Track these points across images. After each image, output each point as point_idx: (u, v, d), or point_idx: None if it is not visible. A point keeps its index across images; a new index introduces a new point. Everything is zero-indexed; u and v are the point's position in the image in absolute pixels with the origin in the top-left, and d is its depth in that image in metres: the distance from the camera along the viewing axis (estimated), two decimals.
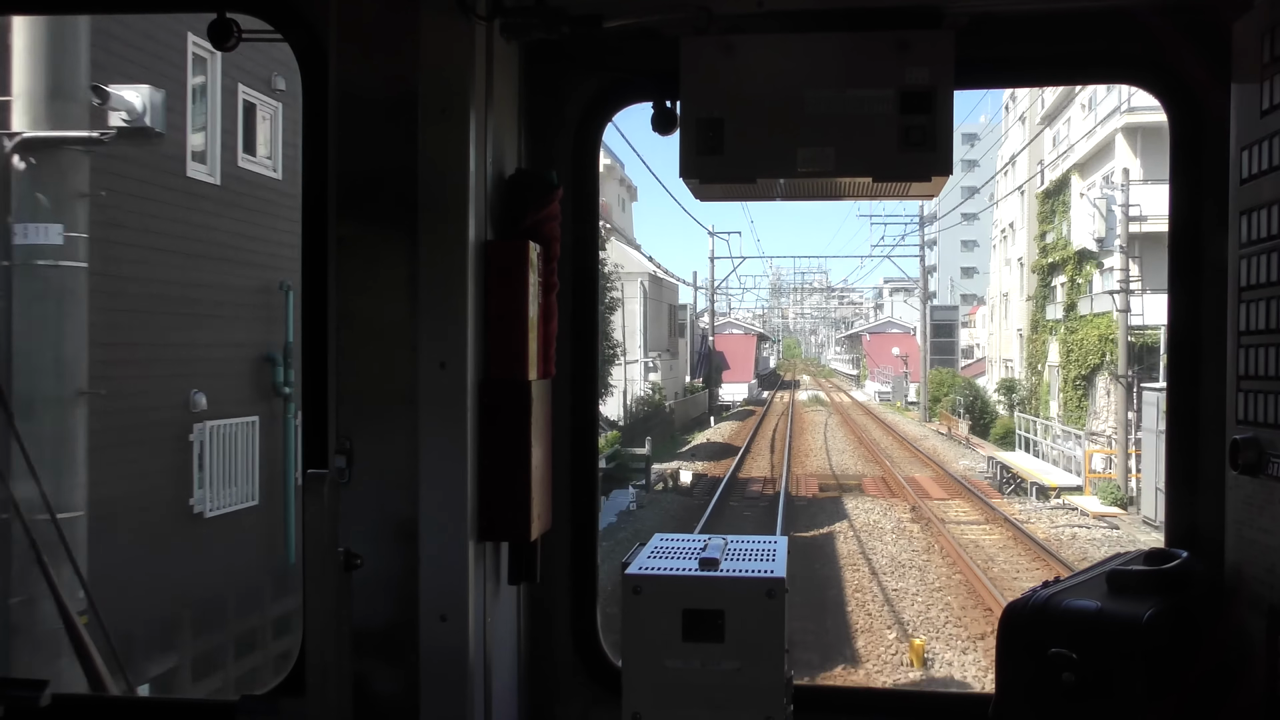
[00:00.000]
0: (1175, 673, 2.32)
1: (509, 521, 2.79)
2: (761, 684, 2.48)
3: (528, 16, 2.75)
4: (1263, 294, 2.38)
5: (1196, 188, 2.89)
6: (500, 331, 2.79)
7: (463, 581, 2.69)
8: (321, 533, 2.33)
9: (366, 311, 2.74)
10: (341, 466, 2.71)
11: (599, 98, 3.14)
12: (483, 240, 2.77)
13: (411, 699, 2.69)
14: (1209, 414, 2.83)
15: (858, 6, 2.77)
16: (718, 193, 2.95)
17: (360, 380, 2.74)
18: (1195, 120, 2.89)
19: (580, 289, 3.16)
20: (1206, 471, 2.83)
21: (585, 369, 3.20)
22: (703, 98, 2.78)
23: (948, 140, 2.72)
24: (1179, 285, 2.95)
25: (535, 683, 3.16)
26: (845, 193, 2.98)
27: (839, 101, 2.73)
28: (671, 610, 2.50)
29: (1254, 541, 2.40)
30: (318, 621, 2.37)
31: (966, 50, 2.73)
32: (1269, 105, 2.37)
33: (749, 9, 2.80)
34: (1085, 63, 3.09)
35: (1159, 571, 2.42)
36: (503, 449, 2.78)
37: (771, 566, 2.57)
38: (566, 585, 3.18)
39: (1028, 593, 2.42)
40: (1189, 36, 2.86)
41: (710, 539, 2.79)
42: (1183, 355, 2.94)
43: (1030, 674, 2.32)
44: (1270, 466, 2.35)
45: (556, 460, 3.07)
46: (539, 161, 3.11)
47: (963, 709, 3.23)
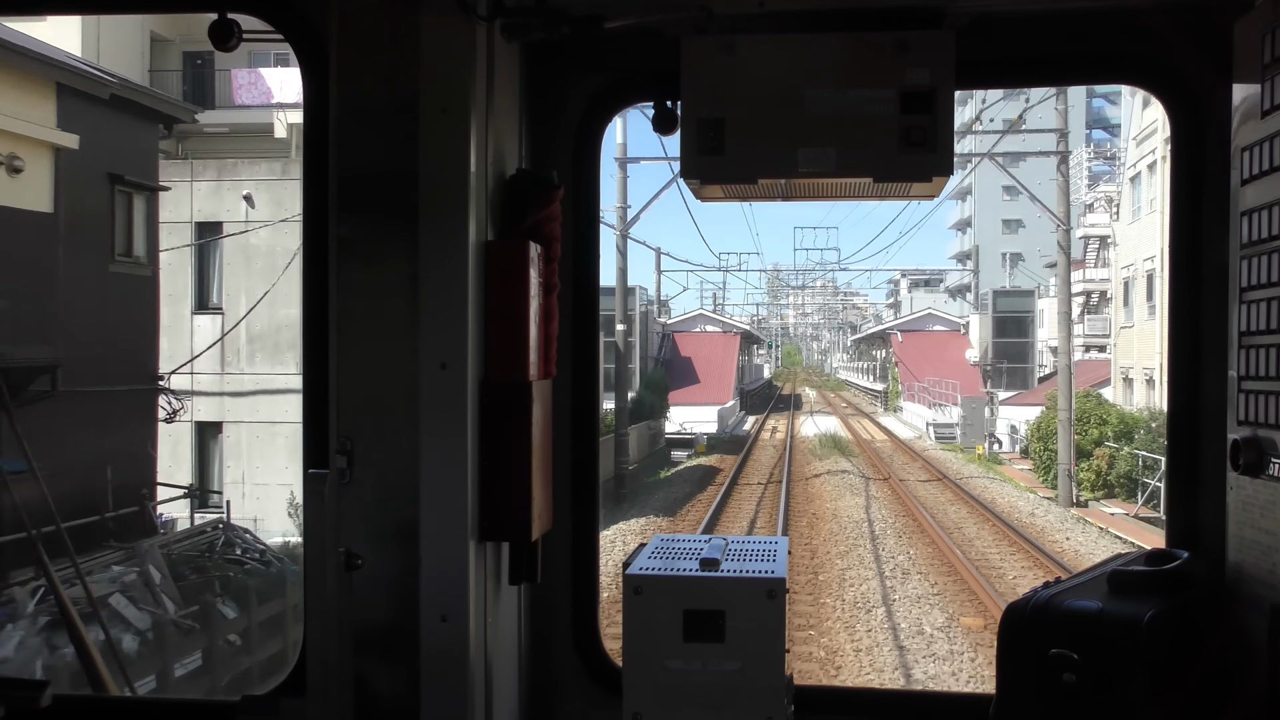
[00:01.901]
0: (1176, 673, 2.32)
1: (510, 522, 2.79)
2: (762, 684, 2.48)
3: (528, 17, 2.75)
4: (1263, 294, 2.38)
5: (1198, 188, 2.89)
6: (501, 332, 2.79)
7: (463, 582, 2.69)
8: (322, 533, 2.33)
9: (367, 312, 2.74)
10: (342, 467, 2.71)
11: (600, 98, 3.14)
12: (483, 241, 2.77)
13: (412, 699, 2.69)
14: (1210, 414, 2.83)
15: (858, 7, 2.77)
16: (718, 193, 2.95)
17: (361, 381, 2.74)
18: (1196, 120, 2.89)
19: (581, 289, 3.16)
20: (1207, 472, 2.83)
21: (586, 369, 3.20)
22: (703, 98, 2.77)
23: (948, 140, 2.72)
24: (1180, 285, 2.95)
25: (536, 683, 3.16)
26: (846, 193, 2.98)
27: (840, 101, 2.73)
28: (672, 611, 2.50)
29: (1255, 542, 2.40)
30: (319, 621, 2.37)
31: (967, 50, 2.72)
32: (1270, 105, 2.36)
33: (750, 9, 2.80)
34: (1086, 63, 3.09)
35: (1160, 572, 2.42)
36: (503, 449, 2.78)
37: (772, 567, 2.57)
38: (567, 585, 3.17)
39: (1029, 593, 2.42)
40: (1190, 37, 2.86)
41: (711, 539, 2.79)
42: (1183, 355, 2.94)
43: (1031, 674, 2.32)
44: (1271, 467, 2.35)
45: (557, 460, 3.07)
46: (539, 162, 3.11)
47: (963, 709, 3.23)
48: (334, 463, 2.72)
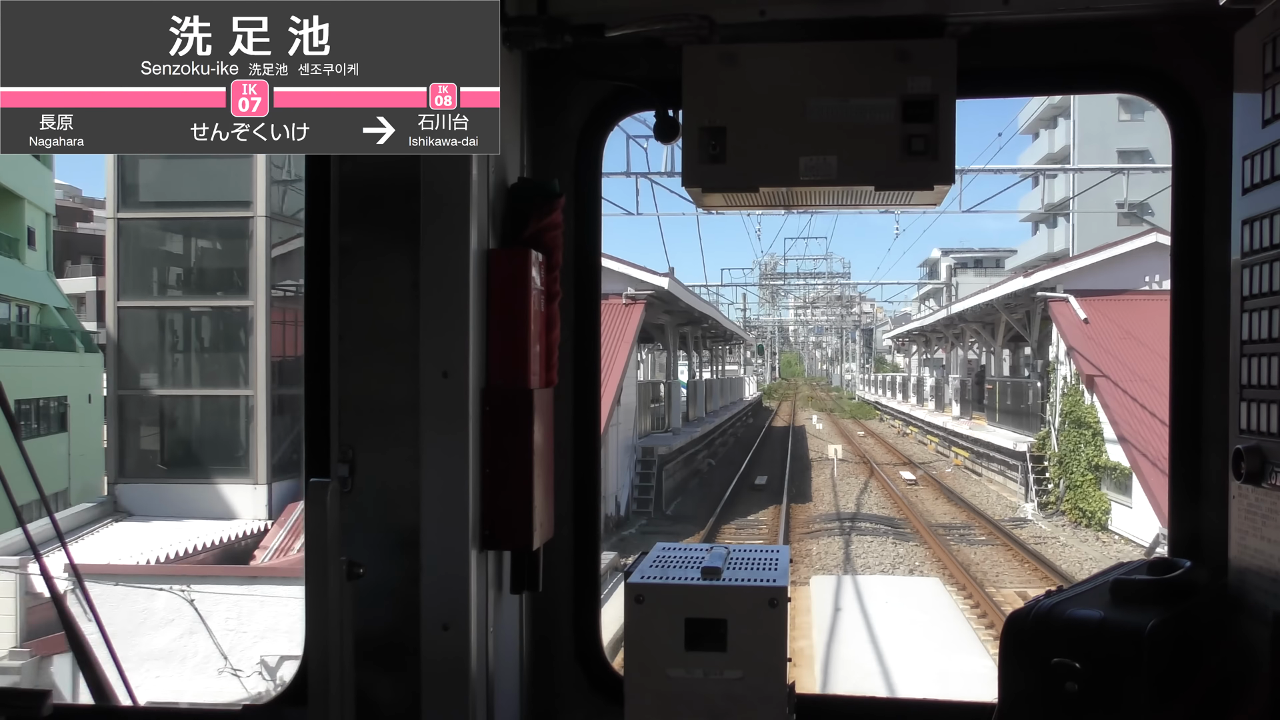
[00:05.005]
0: (1179, 682, 2.31)
1: (511, 530, 2.79)
2: (764, 693, 2.47)
3: (530, 25, 2.76)
4: (1265, 303, 2.38)
5: (1199, 197, 2.89)
6: (502, 340, 2.79)
7: (465, 590, 2.68)
8: (324, 542, 2.33)
9: (369, 320, 2.74)
10: (344, 475, 2.71)
11: (601, 107, 3.15)
12: (485, 249, 2.78)
13: (413, 708, 2.68)
14: (1212, 423, 2.82)
15: (860, 16, 2.78)
16: (720, 201, 2.96)
17: (363, 389, 2.74)
18: (1197, 129, 2.89)
19: (582, 297, 3.16)
20: (1210, 481, 2.83)
21: (587, 377, 3.20)
22: (705, 106, 2.78)
23: (950, 149, 2.72)
24: (1182, 294, 2.95)
25: (537, 692, 3.15)
26: (847, 201, 2.99)
27: (841, 110, 2.74)
28: (674, 619, 2.49)
29: (1257, 551, 2.39)
30: (320, 630, 2.36)
31: (969, 59, 2.73)
32: (1271, 114, 2.37)
33: (751, 18, 2.81)
34: (1087, 72, 3.10)
35: (1162, 581, 2.41)
36: (505, 457, 2.77)
37: (774, 576, 2.57)
38: (569, 594, 3.17)
39: (1030, 602, 2.41)
40: (1191, 46, 2.86)
41: (713, 548, 2.79)
42: (1186, 364, 2.94)
43: (1033, 683, 2.31)
44: (1273, 476, 2.34)
45: (558, 469, 3.07)
46: (541, 170, 3.11)
47: (966, 718, 3.22)
48: (335, 471, 2.72)
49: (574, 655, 3.17)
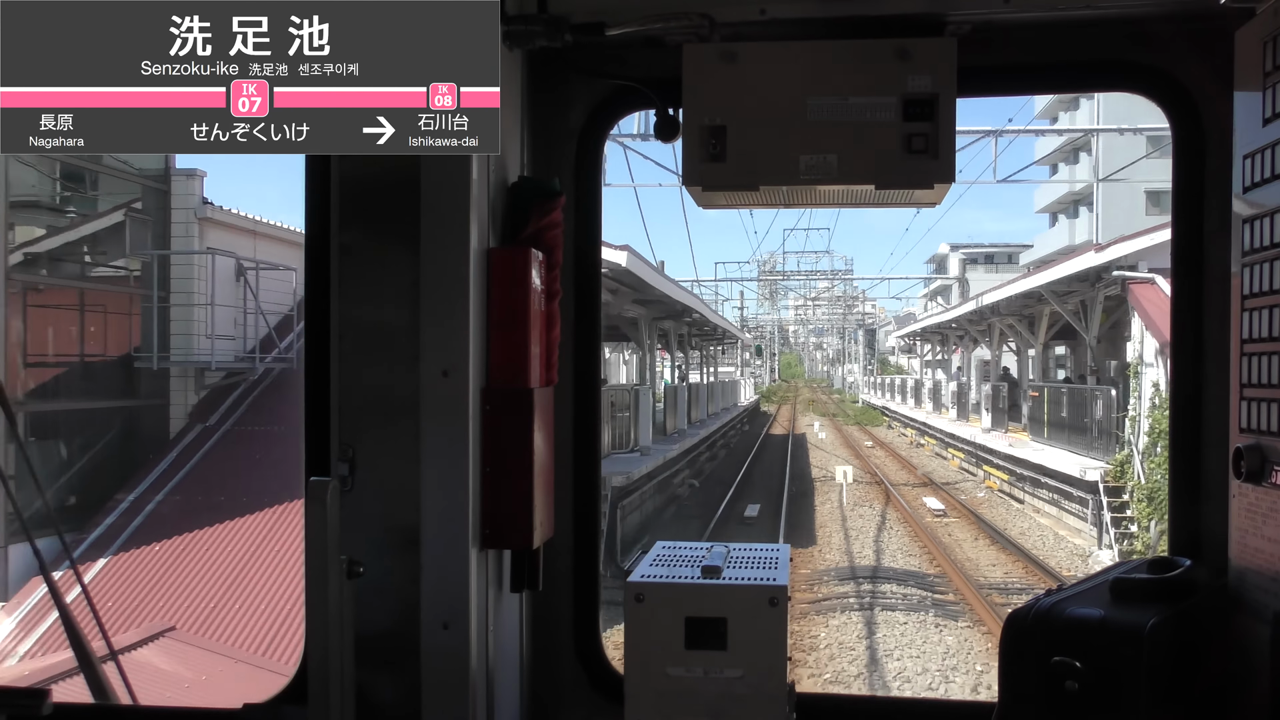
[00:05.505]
0: (1179, 681, 2.31)
1: (511, 529, 2.79)
2: (764, 692, 2.48)
3: (530, 24, 2.76)
4: (1266, 302, 2.38)
5: (1199, 195, 2.89)
6: (502, 339, 2.79)
7: (465, 589, 2.68)
8: (324, 540, 2.33)
9: (369, 319, 2.74)
10: (344, 474, 2.71)
11: (601, 105, 3.15)
12: (485, 248, 2.78)
13: (413, 707, 2.68)
14: (1213, 422, 2.82)
15: (860, 14, 2.78)
16: (720, 200, 2.96)
17: (363, 388, 2.74)
18: (1198, 128, 2.89)
19: (582, 297, 3.17)
20: (1210, 479, 2.83)
21: (588, 376, 3.20)
22: (705, 105, 2.78)
23: (950, 147, 2.72)
24: (1182, 293, 2.95)
25: (538, 691, 3.16)
26: (847, 200, 2.99)
27: (841, 109, 2.74)
28: (674, 618, 2.50)
29: (1258, 550, 2.40)
30: (320, 630, 2.37)
31: (969, 58, 2.73)
32: (1271, 113, 2.36)
33: (751, 16, 2.81)
34: (1088, 71, 3.10)
35: (1162, 580, 2.41)
36: (505, 456, 2.78)
37: (774, 574, 2.57)
38: (569, 593, 3.17)
39: (1030, 600, 2.41)
40: (1191, 44, 2.86)
41: (713, 546, 2.79)
42: (1186, 363, 2.94)
43: (1033, 683, 2.31)
44: (1274, 475, 2.34)
45: (559, 468, 3.07)
46: (541, 169, 3.11)
47: (966, 717, 3.23)
48: (335, 470, 2.72)
49: (574, 653, 3.18)
